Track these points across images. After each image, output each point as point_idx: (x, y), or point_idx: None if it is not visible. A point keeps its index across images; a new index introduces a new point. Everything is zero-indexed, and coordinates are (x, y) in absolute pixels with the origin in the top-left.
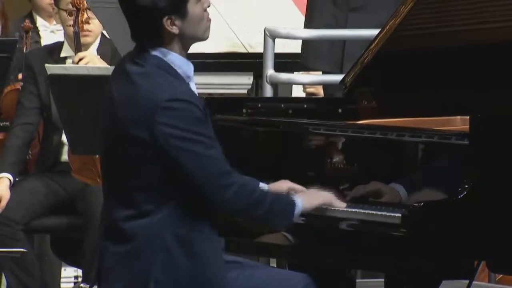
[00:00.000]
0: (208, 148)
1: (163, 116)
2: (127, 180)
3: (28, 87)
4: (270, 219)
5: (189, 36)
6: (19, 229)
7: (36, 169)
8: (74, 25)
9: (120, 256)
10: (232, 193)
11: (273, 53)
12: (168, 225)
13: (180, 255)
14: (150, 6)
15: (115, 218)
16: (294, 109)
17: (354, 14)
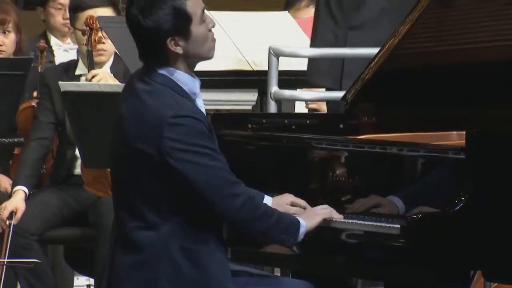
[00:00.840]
0: (214, 159)
1: (169, 132)
2: (134, 193)
3: (44, 103)
4: (273, 234)
5: (193, 56)
6: (33, 240)
7: (50, 182)
8: (87, 44)
9: (129, 266)
10: (240, 203)
11: (277, 71)
12: (175, 237)
13: (186, 266)
14: (154, 28)
15: (124, 229)
16: (297, 124)
17: (352, 32)
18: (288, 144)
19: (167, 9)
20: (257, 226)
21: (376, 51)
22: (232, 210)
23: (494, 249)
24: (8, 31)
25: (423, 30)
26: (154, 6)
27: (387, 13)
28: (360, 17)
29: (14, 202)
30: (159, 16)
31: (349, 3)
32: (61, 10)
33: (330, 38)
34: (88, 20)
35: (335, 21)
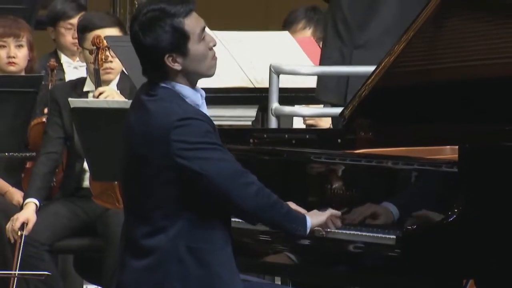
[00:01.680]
0: (222, 153)
1: (176, 134)
2: (144, 200)
3: (54, 118)
4: (287, 222)
5: (192, 72)
6: (44, 250)
7: (60, 194)
8: (95, 62)
9: (139, 270)
10: (255, 190)
11: (277, 88)
12: (182, 238)
13: (193, 266)
14: (153, 45)
15: (134, 236)
16: (297, 139)
17: (358, 51)
18: (288, 158)
19: (166, 27)
20: (272, 213)
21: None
22: (249, 198)
23: (485, 259)
24: (22, 45)
25: (417, 49)
26: (153, 23)
27: (389, 33)
28: (365, 37)
29: (25, 214)
30: (158, 34)
31: (355, 23)
32: (71, 30)
33: (337, 57)
34: (95, 39)
35: (341, 40)
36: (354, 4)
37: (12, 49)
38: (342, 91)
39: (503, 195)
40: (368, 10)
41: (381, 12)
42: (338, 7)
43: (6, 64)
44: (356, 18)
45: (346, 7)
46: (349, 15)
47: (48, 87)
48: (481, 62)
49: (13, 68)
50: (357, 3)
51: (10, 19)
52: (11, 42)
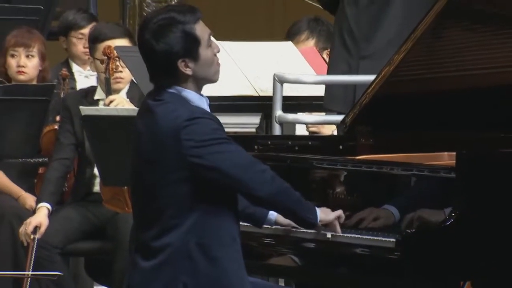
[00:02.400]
0: (233, 145)
1: (186, 134)
2: (153, 201)
3: (65, 126)
4: (300, 208)
5: (201, 77)
6: (56, 253)
7: (71, 199)
8: (105, 71)
9: (149, 270)
10: (270, 176)
11: (281, 96)
12: (192, 235)
13: (202, 261)
14: (166, 50)
15: (144, 238)
16: (300, 145)
17: (364, 61)
18: (291, 164)
19: (178, 33)
20: (287, 198)
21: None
22: (265, 184)
23: (482, 261)
24: (32, 55)
25: (416, 59)
26: (165, 30)
27: (394, 44)
28: (371, 48)
29: (38, 218)
30: (170, 39)
31: (361, 35)
32: (82, 39)
33: (344, 67)
34: (106, 49)
35: (348, 51)
36: (360, 17)
37: (22, 59)
38: (350, 100)
39: (499, 200)
40: (373, 22)
41: (386, 24)
42: (344, 19)
43: (16, 73)
44: (362, 30)
45: (352, 19)
46: (355, 27)
47: (60, 95)
48: (477, 71)
49: (23, 77)
50: (363, 15)
51: (24, 30)
52: (21, 52)
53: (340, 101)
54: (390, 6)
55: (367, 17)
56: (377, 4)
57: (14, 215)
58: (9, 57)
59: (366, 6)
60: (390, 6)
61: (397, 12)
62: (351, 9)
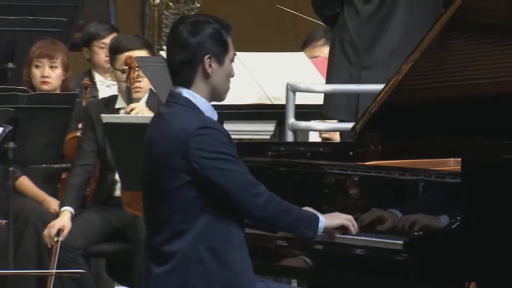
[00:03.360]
0: (237, 165)
1: (195, 142)
2: (163, 205)
3: (88, 133)
4: (295, 228)
5: (215, 85)
6: (79, 254)
7: (93, 203)
8: (127, 81)
9: (162, 275)
10: (263, 201)
11: (294, 104)
12: (201, 239)
13: (213, 264)
14: (199, 42)
15: (156, 244)
16: (312, 152)
17: (365, 71)
18: (304, 170)
19: (214, 32)
20: (280, 220)
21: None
22: (256, 208)
23: (486, 263)
24: (56, 66)
25: (424, 68)
26: (203, 25)
27: (395, 54)
28: (372, 58)
29: (61, 221)
30: (206, 34)
31: (362, 46)
32: (104, 49)
33: (345, 77)
34: (127, 59)
35: (349, 62)
36: (362, 29)
37: (46, 70)
38: (353, 109)
39: (502, 204)
40: (375, 34)
41: (387, 36)
42: (345, 30)
43: (40, 82)
44: (364, 42)
45: (354, 30)
46: (356, 39)
47: (82, 103)
48: (482, 81)
49: (46, 87)
50: (365, 27)
51: (48, 41)
52: (45, 62)
53: (343, 110)
54: (391, 19)
55: (369, 29)
56: (379, 16)
57: (38, 218)
58: (34, 67)
59: (368, 18)
60: (392, 18)
61: (399, 25)
62: (352, 22)
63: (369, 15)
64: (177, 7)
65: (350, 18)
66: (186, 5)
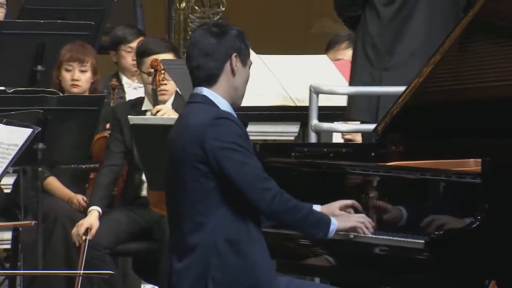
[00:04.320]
0: (248, 158)
1: (211, 132)
2: (183, 200)
3: (115, 135)
4: (303, 227)
5: (237, 86)
6: (106, 253)
7: (120, 203)
8: (153, 83)
9: (183, 270)
10: (271, 196)
11: (317, 106)
12: (219, 231)
13: (231, 255)
14: (229, 40)
15: (177, 237)
16: (335, 152)
17: (386, 73)
18: (326, 170)
19: (240, 35)
20: (288, 217)
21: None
22: (264, 203)
23: (506, 262)
24: (85, 70)
25: (444, 71)
26: (230, 29)
27: (416, 56)
28: (393, 60)
29: (89, 220)
30: (233, 35)
31: (384, 48)
32: (131, 52)
33: (367, 78)
34: (153, 62)
35: (371, 63)
36: (383, 31)
37: (76, 73)
38: (374, 110)
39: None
40: (396, 36)
41: (407, 38)
42: (366, 33)
43: (70, 86)
44: (385, 44)
45: (375, 33)
46: (378, 41)
47: (110, 104)
48: (502, 83)
49: (76, 90)
50: (386, 30)
51: (77, 45)
52: (76, 66)
53: (364, 111)
54: (412, 21)
55: (390, 31)
56: (400, 18)
57: (66, 218)
58: (64, 70)
59: (389, 21)
60: (412, 20)
61: (420, 26)
62: (374, 25)
63: (390, 17)
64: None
65: (371, 20)
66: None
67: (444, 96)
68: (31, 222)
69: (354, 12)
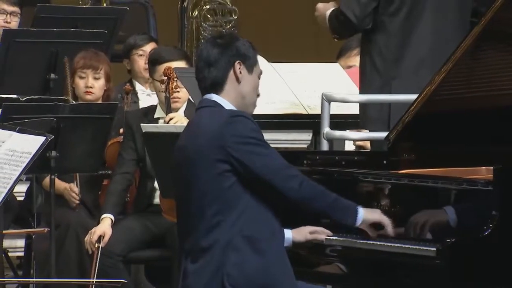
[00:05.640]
0: (269, 150)
1: (229, 129)
2: (197, 201)
3: (128, 142)
4: (332, 212)
5: (244, 94)
6: (119, 260)
7: (133, 210)
8: (166, 91)
9: (199, 269)
10: (298, 182)
11: (329, 114)
12: (237, 228)
13: (248, 253)
14: (231, 48)
15: (192, 242)
16: (347, 160)
17: (395, 81)
18: (338, 178)
19: (246, 43)
20: (316, 203)
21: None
22: (292, 190)
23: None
24: (99, 77)
25: (456, 79)
26: (235, 38)
27: (424, 64)
28: (401, 68)
29: (102, 228)
30: (238, 43)
31: (391, 56)
32: (143, 56)
33: (376, 87)
34: (166, 70)
35: (378, 72)
36: (389, 39)
37: (90, 80)
38: (385, 119)
39: None
40: (402, 44)
41: (415, 45)
42: (373, 42)
43: (84, 93)
44: (392, 52)
45: (382, 42)
46: (384, 49)
47: (123, 109)
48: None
49: (90, 97)
50: (392, 38)
51: (91, 52)
52: (89, 73)
53: (375, 121)
54: (418, 29)
55: (396, 40)
56: (406, 28)
57: (79, 225)
58: (78, 78)
59: (396, 31)
60: (419, 29)
61: (426, 34)
62: (380, 35)
63: (397, 27)
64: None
65: (378, 30)
66: (224, 17)
67: (456, 104)
68: (44, 229)
69: (367, 25)
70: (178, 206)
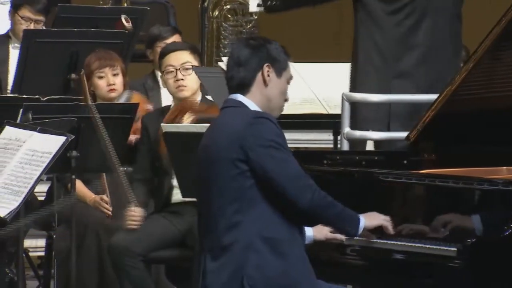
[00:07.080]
0: (289, 156)
1: (251, 130)
2: (218, 200)
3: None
4: (339, 222)
5: (270, 97)
6: (140, 260)
7: (152, 210)
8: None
9: (219, 267)
10: (311, 193)
11: (349, 114)
12: (256, 229)
13: (268, 255)
14: (261, 50)
15: (212, 240)
16: (367, 160)
17: (395, 80)
18: (359, 178)
19: (278, 47)
20: (325, 213)
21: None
22: (305, 199)
23: None
24: (117, 73)
25: (476, 79)
26: (267, 41)
27: (423, 62)
28: (401, 67)
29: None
30: (269, 47)
31: (390, 55)
32: None
33: (374, 86)
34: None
35: (377, 71)
36: (388, 38)
37: (110, 78)
38: (384, 120)
39: None
40: (403, 43)
41: (416, 45)
42: (371, 40)
43: (107, 91)
44: (392, 50)
45: (380, 40)
46: (383, 47)
47: None
48: None
49: (114, 94)
50: (390, 36)
51: (102, 52)
52: (108, 71)
53: (372, 122)
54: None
55: (395, 39)
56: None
57: (99, 224)
58: (96, 78)
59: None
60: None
61: (427, 34)
62: (377, 33)
63: (395, 25)
64: (235, 19)
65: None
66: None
67: (476, 104)
68: None
69: None
70: (199, 204)
